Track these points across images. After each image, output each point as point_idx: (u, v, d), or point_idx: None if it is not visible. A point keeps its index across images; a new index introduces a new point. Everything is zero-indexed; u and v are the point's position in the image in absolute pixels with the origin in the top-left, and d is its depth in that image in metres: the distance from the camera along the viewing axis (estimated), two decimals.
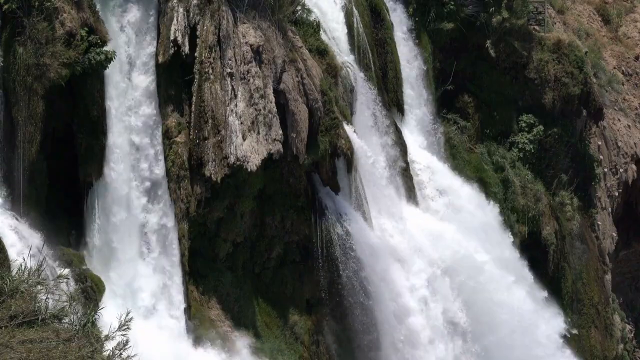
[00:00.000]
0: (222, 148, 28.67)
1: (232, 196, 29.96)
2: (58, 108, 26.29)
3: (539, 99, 43.86)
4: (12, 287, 13.09)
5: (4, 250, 23.15)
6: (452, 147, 41.58)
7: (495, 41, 43.12)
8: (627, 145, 50.31)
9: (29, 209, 25.25)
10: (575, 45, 45.04)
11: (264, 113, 29.48)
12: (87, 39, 25.79)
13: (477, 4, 42.22)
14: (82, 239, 27.13)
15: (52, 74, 25.19)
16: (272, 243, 31.76)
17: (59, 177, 26.71)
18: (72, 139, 26.84)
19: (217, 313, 29.81)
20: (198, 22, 28.86)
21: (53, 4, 25.14)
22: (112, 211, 27.37)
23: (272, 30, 30.46)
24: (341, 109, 33.23)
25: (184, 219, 28.67)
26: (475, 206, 40.08)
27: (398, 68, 38.65)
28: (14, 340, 12.38)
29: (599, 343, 45.00)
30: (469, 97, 43.13)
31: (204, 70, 28.74)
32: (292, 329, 31.71)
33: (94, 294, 25.33)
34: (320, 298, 32.55)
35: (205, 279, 29.86)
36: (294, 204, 31.95)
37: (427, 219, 37.43)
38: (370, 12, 37.75)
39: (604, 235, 47.58)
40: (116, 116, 27.35)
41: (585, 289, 45.06)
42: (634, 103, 53.21)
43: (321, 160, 32.01)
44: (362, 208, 33.52)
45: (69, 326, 13.21)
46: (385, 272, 33.56)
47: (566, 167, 44.64)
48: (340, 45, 35.56)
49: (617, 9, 56.05)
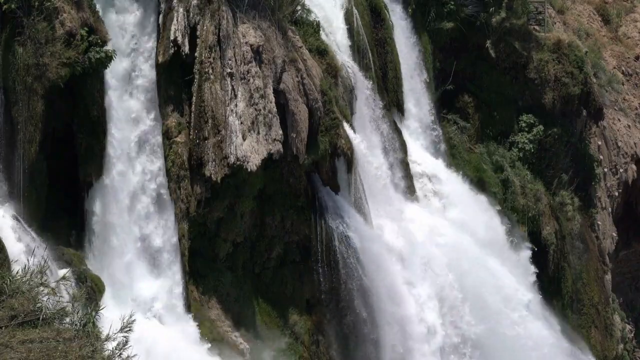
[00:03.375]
0: (222, 148, 28.66)
1: (232, 196, 29.95)
2: (58, 108, 26.27)
3: (539, 99, 43.85)
4: (12, 287, 13.09)
5: (4, 250, 23.14)
6: (452, 147, 41.58)
7: (495, 41, 43.11)
8: (627, 145, 50.31)
9: (29, 209, 25.24)
10: (575, 45, 45.03)
11: (264, 113, 29.47)
12: (87, 38, 25.77)
13: (477, 4, 42.22)
14: (82, 239, 27.11)
15: (51, 73, 25.17)
16: (272, 243, 31.76)
17: (59, 177, 26.69)
18: (72, 139, 26.82)
19: (217, 313, 29.80)
20: (198, 22, 28.85)
21: (53, 3, 25.12)
22: (112, 211, 27.35)
23: (272, 30, 30.46)
24: (341, 109, 33.23)
25: (184, 219, 28.66)
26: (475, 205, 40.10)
27: (398, 68, 38.64)
28: (14, 340, 12.37)
29: (599, 343, 44.99)
30: (469, 97, 43.13)
31: (204, 70, 28.73)
32: (292, 329, 31.70)
33: (94, 294, 25.32)
34: (320, 298, 32.54)
35: (205, 279, 29.85)
36: (294, 204, 31.95)
37: (427, 219, 37.42)
38: (370, 12, 37.75)
39: (604, 235, 47.57)
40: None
41: (585, 289, 45.06)
42: (634, 103, 53.21)
43: (321, 160, 32.00)
44: (362, 208, 33.52)
45: (70, 326, 13.21)
46: (385, 271, 33.55)
47: (566, 167, 44.62)
48: (340, 45, 35.56)
49: (617, 9, 56.06)
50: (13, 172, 25.20)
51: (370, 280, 32.80)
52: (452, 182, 39.73)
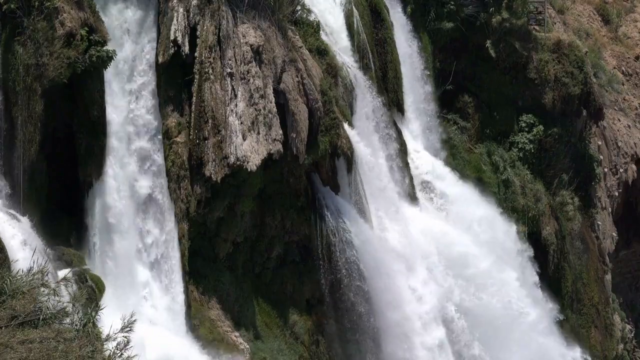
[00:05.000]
0: (222, 148, 28.65)
1: (232, 196, 29.94)
2: (58, 108, 26.26)
3: (539, 99, 43.85)
4: (13, 287, 13.09)
5: (4, 250, 23.12)
6: (452, 147, 41.60)
7: (495, 41, 43.13)
8: (627, 145, 50.32)
9: (29, 209, 25.24)
10: (575, 45, 45.04)
11: (264, 113, 29.47)
12: (87, 38, 25.77)
13: (477, 4, 42.25)
14: (82, 239, 27.10)
15: (51, 73, 25.17)
16: (272, 243, 31.76)
17: (59, 177, 26.69)
18: (72, 139, 26.81)
19: (217, 313, 29.80)
20: (198, 22, 28.85)
21: (53, 3, 25.11)
22: (112, 211, 27.35)
23: (272, 30, 30.46)
24: (341, 109, 33.23)
25: (184, 219, 28.66)
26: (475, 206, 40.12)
27: (398, 68, 38.65)
28: (14, 340, 12.37)
29: (599, 343, 45.00)
30: (469, 97, 43.14)
31: (204, 70, 28.73)
32: (292, 329, 31.70)
33: (94, 294, 25.31)
34: (320, 298, 32.55)
35: (205, 279, 29.84)
36: (294, 204, 31.95)
37: (427, 219, 37.44)
38: (370, 12, 37.77)
39: (604, 235, 47.58)
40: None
41: (585, 289, 45.06)
42: (634, 103, 53.22)
43: (321, 160, 32.01)
44: (362, 208, 33.52)
45: (70, 326, 13.21)
46: (385, 271, 33.55)
47: (566, 167, 44.62)
48: (340, 45, 35.57)
49: (617, 9, 56.07)
50: (13, 172, 25.20)
51: (370, 280, 32.81)
52: (452, 182, 39.74)
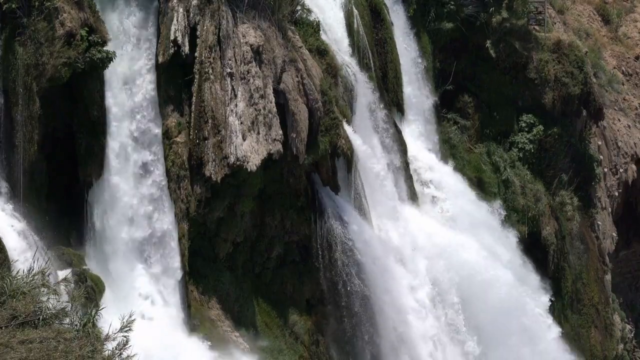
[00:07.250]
0: (222, 148, 28.66)
1: (232, 196, 29.95)
2: (58, 108, 26.28)
3: (539, 99, 43.85)
4: (13, 287, 13.09)
5: (4, 250, 23.14)
6: (452, 147, 41.59)
7: (495, 41, 43.13)
8: (627, 145, 50.32)
9: (29, 209, 25.25)
10: (575, 45, 45.04)
11: (264, 113, 29.48)
12: (87, 38, 25.78)
13: (477, 4, 42.25)
14: (82, 239, 27.11)
15: (51, 73, 25.18)
16: (272, 243, 31.76)
17: (59, 177, 26.70)
18: (72, 139, 26.83)
19: (217, 313, 29.80)
20: (198, 22, 28.84)
21: (53, 4, 25.12)
22: (112, 211, 27.36)
23: (272, 30, 30.46)
24: (341, 109, 33.23)
25: (184, 219, 28.66)
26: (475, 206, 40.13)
27: (398, 68, 38.65)
28: (14, 340, 12.38)
29: (599, 343, 45.00)
30: (469, 97, 43.14)
31: (204, 70, 28.73)
32: (292, 329, 31.70)
33: (94, 294, 25.32)
34: (320, 298, 32.55)
35: (205, 279, 29.85)
36: (294, 204, 31.95)
37: (427, 219, 37.44)
38: (370, 12, 37.75)
39: (604, 235, 47.58)
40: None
41: (585, 289, 45.06)
42: (634, 103, 53.22)
43: (321, 160, 32.01)
44: (362, 208, 33.53)
45: (70, 326, 13.21)
46: (385, 271, 33.56)
47: (566, 167, 44.63)
48: (340, 45, 35.55)
49: (617, 9, 56.06)
50: (13, 172, 25.20)
51: (370, 280, 32.81)
52: (452, 182, 39.73)
